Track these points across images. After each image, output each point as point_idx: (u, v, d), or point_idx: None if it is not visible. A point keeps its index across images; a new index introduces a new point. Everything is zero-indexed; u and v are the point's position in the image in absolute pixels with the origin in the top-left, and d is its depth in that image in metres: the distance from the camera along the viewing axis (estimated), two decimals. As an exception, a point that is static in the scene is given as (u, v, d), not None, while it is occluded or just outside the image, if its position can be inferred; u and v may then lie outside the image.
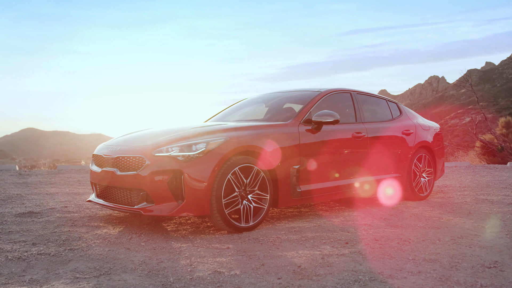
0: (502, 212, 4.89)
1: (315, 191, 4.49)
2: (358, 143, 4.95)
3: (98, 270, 2.90)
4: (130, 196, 3.89)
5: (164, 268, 2.95)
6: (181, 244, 3.55)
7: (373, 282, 2.65)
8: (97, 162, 4.32)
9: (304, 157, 4.37)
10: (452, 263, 3.02)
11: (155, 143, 3.89)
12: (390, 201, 5.42)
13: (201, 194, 3.68)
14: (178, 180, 3.70)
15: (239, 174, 3.86)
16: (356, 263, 3.01)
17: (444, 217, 4.59)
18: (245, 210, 3.91)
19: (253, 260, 3.10)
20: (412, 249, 3.38)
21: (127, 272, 2.87)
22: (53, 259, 3.15)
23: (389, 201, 5.42)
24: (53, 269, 2.94)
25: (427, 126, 6.07)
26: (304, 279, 2.71)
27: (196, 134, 3.98)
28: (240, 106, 5.77)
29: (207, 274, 2.81)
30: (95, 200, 4.35)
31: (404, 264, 3.01)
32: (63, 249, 3.38)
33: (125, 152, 3.98)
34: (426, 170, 5.85)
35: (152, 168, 3.72)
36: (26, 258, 3.15)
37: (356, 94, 5.37)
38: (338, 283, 2.64)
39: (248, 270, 2.89)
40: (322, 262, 3.04)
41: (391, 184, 5.33)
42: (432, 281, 2.68)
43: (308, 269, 2.89)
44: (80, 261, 3.10)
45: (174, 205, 3.70)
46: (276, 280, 2.71)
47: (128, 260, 3.13)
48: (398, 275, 2.77)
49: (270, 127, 4.31)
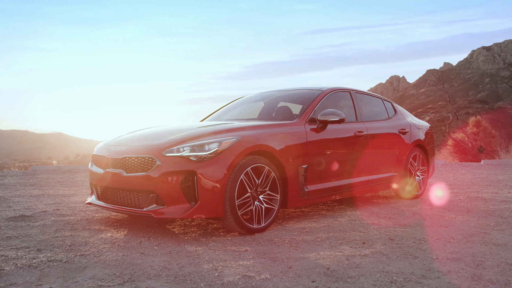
0: (499, 209, 4.98)
1: (321, 190, 4.45)
2: (360, 142, 4.94)
3: (119, 277, 2.75)
4: (138, 198, 3.73)
5: (189, 273, 2.83)
6: (195, 248, 3.42)
7: (409, 283, 2.62)
8: (99, 163, 4.13)
9: (311, 156, 4.32)
10: (476, 262, 3.03)
11: (165, 143, 3.74)
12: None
13: (215, 195, 3.57)
14: (191, 181, 3.57)
15: (251, 174, 3.77)
16: (383, 264, 2.98)
17: (446, 216, 4.64)
18: (257, 211, 3.82)
19: (278, 263, 3.02)
20: (431, 248, 3.38)
21: (151, 278, 2.74)
22: (67, 266, 2.97)
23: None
24: (70, 276, 2.77)
25: (420, 125, 6.14)
26: (339, 282, 2.65)
27: (206, 133, 3.86)
28: (237, 105, 5.67)
29: (237, 279, 2.71)
30: (96, 202, 4.16)
31: (430, 263, 2.99)
32: (73, 255, 3.21)
33: (132, 152, 3.81)
34: (420, 168, 5.91)
35: (163, 169, 3.57)
36: (37, 265, 2.97)
37: (355, 93, 5.36)
38: (374, 285, 2.59)
39: (277, 273, 2.81)
40: (349, 264, 2.99)
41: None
42: (466, 280, 2.67)
43: (338, 271, 2.84)
44: (96, 268, 2.94)
45: (186, 207, 3.57)
46: (310, 283, 2.64)
47: (146, 265, 2.99)
48: (430, 275, 2.75)
49: (278, 126, 4.23)
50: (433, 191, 5.96)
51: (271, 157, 3.98)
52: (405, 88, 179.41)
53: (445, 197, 5.67)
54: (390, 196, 6.11)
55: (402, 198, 5.78)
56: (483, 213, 4.75)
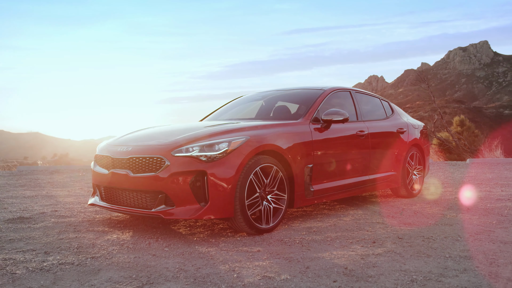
0: (497, 207, 5.06)
1: (325, 190, 4.45)
2: (362, 142, 4.96)
3: (136, 280, 2.70)
4: (146, 199, 3.67)
5: (207, 274, 2.79)
6: (206, 248, 3.39)
7: (430, 282, 2.63)
8: (103, 163, 4.05)
9: (316, 156, 4.31)
10: (489, 260, 3.06)
11: (173, 143, 3.69)
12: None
13: (226, 195, 3.53)
14: (201, 182, 3.53)
15: (260, 174, 3.75)
16: (399, 263, 2.99)
17: (448, 214, 4.69)
18: (265, 211, 3.80)
19: (294, 263, 3.00)
20: (442, 246, 3.41)
21: (170, 280, 2.69)
22: (80, 269, 2.91)
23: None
24: (85, 280, 2.71)
25: (416, 125, 6.20)
26: (360, 281, 2.65)
27: (214, 133, 3.82)
28: (237, 104, 5.63)
29: (257, 280, 2.68)
30: (100, 203, 4.08)
31: (445, 262, 3.02)
32: (84, 257, 3.14)
33: (140, 152, 3.74)
34: (417, 167, 5.97)
35: (173, 169, 3.52)
36: (49, 268, 2.89)
37: (354, 92, 5.38)
38: (396, 284, 2.60)
39: (296, 273, 2.80)
40: (365, 263, 2.99)
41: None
42: (484, 278, 2.70)
43: (356, 271, 2.84)
44: (111, 270, 2.88)
45: (196, 208, 3.52)
46: (332, 283, 2.63)
47: (161, 267, 2.94)
48: (449, 274, 2.77)
49: (284, 125, 4.22)
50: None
51: (279, 157, 3.96)
52: (383, 88, 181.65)
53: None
54: (388, 195, 6.16)
55: (400, 196, 5.83)
56: (483, 212, 4.82)
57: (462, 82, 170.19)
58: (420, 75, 19.52)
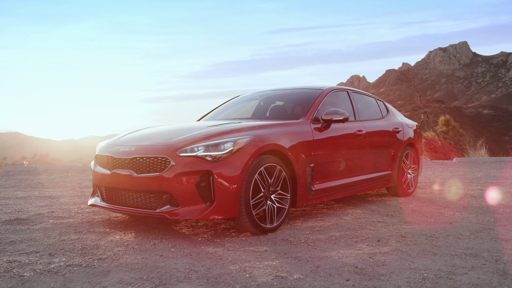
0: (491, 205, 5.15)
1: (326, 189, 4.47)
2: (360, 141, 5.00)
3: (147, 281, 2.68)
4: (150, 200, 3.64)
5: (219, 275, 2.78)
6: (213, 249, 3.37)
7: (441, 279, 2.67)
8: (104, 164, 3.99)
9: (317, 155, 4.33)
10: (494, 257, 3.11)
11: (177, 142, 3.66)
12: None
13: (231, 195, 3.52)
14: (207, 182, 3.51)
15: (265, 173, 3.75)
16: (407, 261, 3.02)
17: (445, 213, 4.75)
18: (269, 211, 3.80)
19: (304, 263, 3.01)
20: (446, 244, 3.45)
21: (182, 281, 2.68)
22: (88, 270, 2.87)
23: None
24: (95, 281, 2.68)
25: (410, 124, 6.27)
26: (372, 280, 2.67)
27: (218, 133, 3.80)
28: (234, 104, 5.62)
29: (270, 279, 2.68)
30: (101, 204, 4.03)
31: (451, 260, 3.06)
32: (90, 259, 3.10)
33: (143, 152, 3.70)
34: (412, 166, 6.04)
35: (178, 169, 3.50)
36: (57, 270, 2.85)
37: (351, 92, 5.42)
38: (409, 282, 2.62)
39: (308, 273, 2.80)
40: (374, 262, 3.01)
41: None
42: (493, 275, 2.74)
43: (366, 269, 2.86)
44: (120, 272, 2.85)
45: (202, 208, 3.50)
46: (345, 282, 2.65)
47: (171, 268, 2.92)
48: (458, 271, 2.81)
49: (286, 125, 4.22)
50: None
51: (282, 156, 3.97)
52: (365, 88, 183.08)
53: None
54: (383, 194, 6.22)
55: (395, 196, 5.89)
56: (479, 210, 4.90)
57: (442, 82, 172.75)
58: (403, 74, 19.75)
